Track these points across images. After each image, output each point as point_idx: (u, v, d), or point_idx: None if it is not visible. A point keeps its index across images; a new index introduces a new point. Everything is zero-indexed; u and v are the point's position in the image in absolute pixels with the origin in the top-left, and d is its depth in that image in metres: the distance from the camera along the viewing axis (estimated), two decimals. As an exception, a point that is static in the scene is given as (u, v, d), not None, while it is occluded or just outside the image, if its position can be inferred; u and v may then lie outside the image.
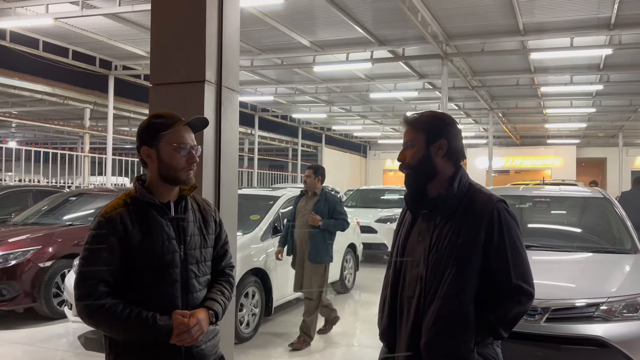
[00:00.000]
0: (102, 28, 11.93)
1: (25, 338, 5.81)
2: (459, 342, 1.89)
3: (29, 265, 6.23)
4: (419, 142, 2.04)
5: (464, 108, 21.68)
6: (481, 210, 1.94)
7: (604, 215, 5.35)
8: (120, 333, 1.91)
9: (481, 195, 2.00)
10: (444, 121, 2.08)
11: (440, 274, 1.93)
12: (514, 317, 1.92)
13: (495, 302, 1.91)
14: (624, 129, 26.18)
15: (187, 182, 2.03)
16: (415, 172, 2.06)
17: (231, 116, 3.52)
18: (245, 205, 6.41)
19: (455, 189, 2.00)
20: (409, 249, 2.09)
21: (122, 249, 1.90)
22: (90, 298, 1.86)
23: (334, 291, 8.18)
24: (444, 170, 2.04)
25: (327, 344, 5.78)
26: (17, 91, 16.28)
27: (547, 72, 15.03)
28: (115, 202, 1.98)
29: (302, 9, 10.46)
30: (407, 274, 2.06)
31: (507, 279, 1.90)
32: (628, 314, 3.79)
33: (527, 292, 1.92)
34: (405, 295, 2.05)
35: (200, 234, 2.09)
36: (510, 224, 1.94)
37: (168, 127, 1.99)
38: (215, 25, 3.37)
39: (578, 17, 10.58)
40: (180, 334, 1.90)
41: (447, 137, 2.03)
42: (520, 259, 1.93)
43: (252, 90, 18.76)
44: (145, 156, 2.00)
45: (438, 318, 1.90)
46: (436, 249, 1.96)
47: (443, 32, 11.75)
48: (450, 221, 1.96)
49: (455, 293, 1.90)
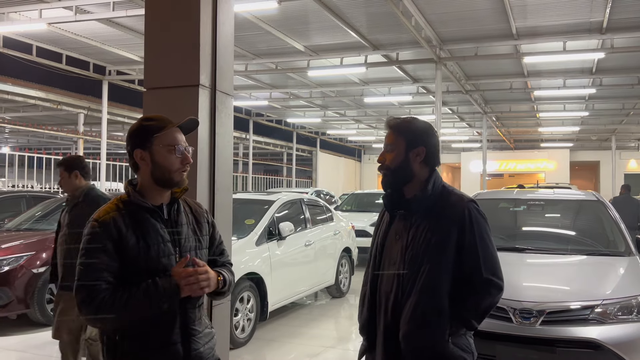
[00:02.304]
0: (96, 33, 11.92)
1: (19, 345, 5.77)
2: (434, 334, 2.03)
3: (22, 271, 6.18)
4: (399, 147, 2.19)
5: (457, 112, 21.76)
6: (453, 210, 2.09)
7: (597, 218, 5.37)
8: (130, 314, 1.86)
9: (453, 196, 2.15)
10: (424, 129, 2.21)
11: (416, 270, 2.06)
12: (485, 309, 2.09)
13: (468, 295, 2.06)
14: (617, 132, 26.34)
15: (181, 183, 2.02)
16: (393, 174, 2.20)
17: (225, 120, 3.51)
18: (240, 209, 6.40)
19: (430, 191, 2.15)
20: (387, 247, 2.22)
21: (118, 253, 1.88)
22: (92, 300, 1.83)
23: (329, 295, 8.17)
24: (419, 174, 2.18)
25: (323, 348, 5.77)
26: (10, 96, 16.21)
27: (540, 76, 15.11)
28: (108, 207, 1.96)
29: (296, 13, 10.49)
30: (385, 271, 2.19)
31: (479, 273, 2.05)
32: (623, 316, 3.80)
33: (497, 285, 2.07)
34: (383, 291, 2.17)
35: (194, 236, 2.08)
36: (480, 222, 2.09)
37: (161, 129, 1.99)
38: (209, 30, 3.37)
39: (570, 21, 10.66)
40: (190, 284, 1.90)
41: (426, 145, 2.17)
42: (490, 254, 2.08)
43: (247, 95, 18.77)
44: (139, 159, 1.99)
45: (415, 311, 2.04)
46: (412, 246, 2.09)
47: (437, 36, 11.80)
48: (425, 220, 2.10)
49: (430, 288, 2.04)
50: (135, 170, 2.03)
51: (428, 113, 20.84)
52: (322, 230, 7.82)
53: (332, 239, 8.03)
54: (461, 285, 2.07)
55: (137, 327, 1.91)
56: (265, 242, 6.33)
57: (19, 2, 10.09)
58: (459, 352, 2.06)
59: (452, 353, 2.04)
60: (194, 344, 2.00)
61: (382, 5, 9.67)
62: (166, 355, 1.95)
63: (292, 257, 6.83)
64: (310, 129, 28.73)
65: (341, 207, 13.41)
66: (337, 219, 8.58)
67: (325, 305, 7.78)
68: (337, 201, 17.45)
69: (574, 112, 20.70)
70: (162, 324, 1.94)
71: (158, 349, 1.93)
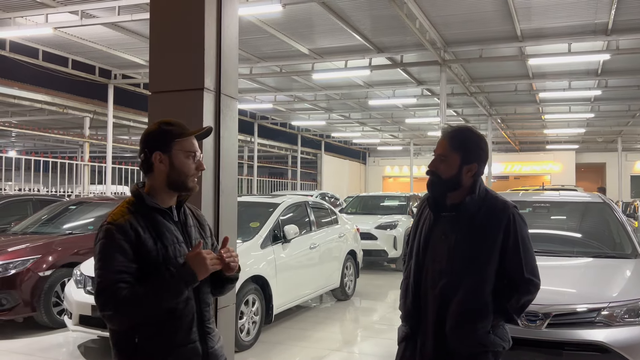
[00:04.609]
0: (102, 37, 11.98)
1: (25, 348, 5.79)
2: (478, 328, 2.24)
3: (29, 274, 6.20)
4: (454, 160, 2.31)
5: (462, 114, 21.72)
6: (499, 216, 2.27)
7: (604, 220, 5.34)
8: (151, 305, 1.87)
9: (498, 202, 2.33)
10: (479, 146, 2.35)
11: (464, 270, 2.25)
12: (524, 305, 2.30)
13: (510, 292, 2.26)
14: (623, 134, 26.22)
15: (194, 189, 2.07)
16: (444, 183, 2.34)
17: (230, 124, 3.52)
18: (245, 212, 6.40)
19: (476, 196, 2.32)
20: (431, 245, 2.37)
21: (137, 255, 1.91)
22: (113, 301, 1.84)
23: (334, 298, 8.16)
24: (466, 183, 2.34)
25: (328, 351, 5.76)
26: (17, 100, 16.30)
27: (545, 77, 15.07)
28: (119, 210, 1.98)
29: (301, 17, 10.51)
30: (429, 267, 2.36)
31: (520, 273, 2.25)
32: (629, 319, 3.77)
33: (536, 285, 2.29)
34: (428, 285, 2.35)
35: (200, 237, 2.13)
36: (522, 227, 2.30)
37: (181, 135, 2.04)
38: (213, 33, 3.39)
39: (575, 22, 10.63)
40: (221, 261, 1.96)
41: (478, 162, 2.33)
42: (530, 257, 2.28)
43: (251, 98, 18.80)
44: (158, 161, 2.01)
45: (462, 307, 2.24)
46: (460, 247, 2.27)
47: (441, 38, 11.80)
48: (472, 224, 2.28)
49: (477, 286, 2.25)
50: (146, 172, 2.04)
51: (433, 115, 20.84)
52: (327, 233, 7.81)
53: (337, 241, 8.02)
54: (503, 283, 2.27)
55: (157, 328, 1.93)
56: (270, 245, 6.33)
57: (26, 7, 10.16)
58: (499, 341, 2.28)
59: (493, 342, 2.26)
60: (209, 342, 2.06)
61: (387, 7, 9.67)
62: (186, 353, 1.99)
63: (297, 260, 6.82)
64: (315, 131, 28.74)
65: (346, 209, 13.40)
66: (342, 221, 8.57)
67: (330, 308, 7.77)
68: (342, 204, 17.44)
69: (579, 114, 20.63)
70: (182, 323, 1.97)
71: (178, 348, 1.97)
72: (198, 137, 2.10)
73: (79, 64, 14.08)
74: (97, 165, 16.95)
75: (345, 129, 27.48)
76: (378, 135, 28.65)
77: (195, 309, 2.01)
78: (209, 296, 2.11)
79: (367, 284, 9.23)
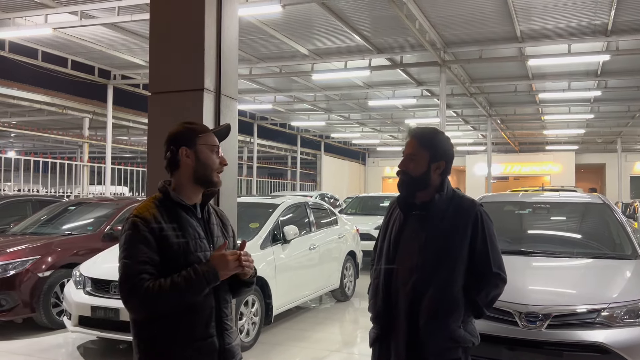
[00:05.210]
0: (101, 38, 11.98)
1: (24, 348, 5.78)
2: (450, 322, 2.31)
3: (28, 275, 6.20)
4: (423, 158, 2.40)
5: (462, 115, 21.72)
6: (467, 213, 2.38)
7: (603, 220, 5.34)
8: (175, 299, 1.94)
9: (465, 200, 2.44)
10: (446, 145, 2.46)
11: (435, 266, 2.32)
12: (493, 299, 2.39)
13: (479, 287, 2.35)
14: (623, 134, 26.24)
15: (218, 184, 2.17)
16: (413, 181, 2.42)
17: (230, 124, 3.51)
18: (244, 213, 6.40)
19: (444, 195, 2.42)
20: (402, 244, 2.44)
21: (160, 247, 1.98)
22: (137, 291, 1.91)
23: (334, 299, 8.16)
24: (435, 182, 2.42)
25: (328, 352, 5.76)
26: (16, 101, 16.30)
27: (545, 78, 15.08)
28: (145, 205, 2.07)
29: (301, 17, 10.51)
30: (400, 265, 2.42)
31: (489, 268, 2.35)
32: (629, 320, 3.77)
33: (503, 279, 2.38)
34: (399, 284, 2.40)
35: (222, 236, 2.22)
36: (489, 224, 2.40)
37: (205, 131, 2.17)
38: (213, 34, 3.38)
39: (575, 23, 10.64)
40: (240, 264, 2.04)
41: (446, 159, 2.43)
42: (497, 252, 2.39)
43: (251, 99, 18.80)
44: (184, 156, 2.10)
45: (434, 302, 2.31)
46: (431, 244, 2.34)
47: (441, 39, 11.80)
48: (441, 222, 2.37)
49: (448, 282, 2.32)
50: (173, 170, 2.12)
51: (432, 116, 20.83)
52: (326, 234, 7.81)
53: (337, 242, 8.02)
54: (472, 278, 2.35)
55: (176, 320, 1.99)
56: (269, 246, 6.33)
57: (25, 8, 10.15)
58: (469, 337, 2.35)
59: (464, 337, 2.33)
60: (227, 338, 2.12)
61: (386, 8, 9.67)
62: (203, 347, 2.04)
63: (297, 261, 6.82)
64: (315, 132, 28.74)
65: (346, 210, 13.40)
66: (341, 222, 8.57)
67: (330, 309, 7.77)
68: (342, 204, 17.44)
69: (579, 115, 20.64)
70: (200, 317, 2.03)
71: (196, 341, 2.02)
72: (218, 134, 2.22)
73: (78, 65, 14.07)
74: (97, 165, 16.94)
75: (345, 130, 27.48)
76: (378, 135, 28.65)
77: (213, 304, 2.07)
78: (228, 294, 2.17)
79: (366, 285, 9.09)
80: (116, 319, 5.17)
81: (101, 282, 5.42)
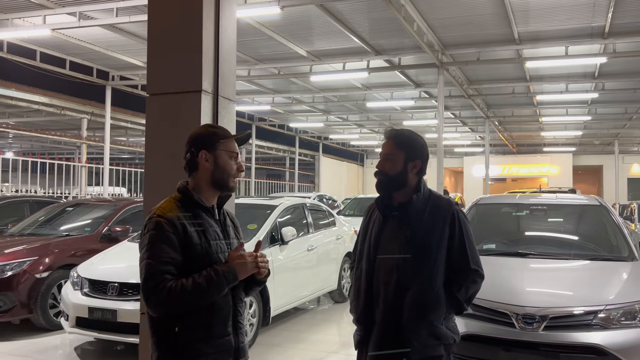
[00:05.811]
0: (99, 39, 11.98)
1: (21, 350, 5.77)
2: (433, 319, 2.37)
3: (26, 276, 6.19)
4: (399, 158, 2.48)
5: (460, 116, 21.76)
6: (445, 212, 2.44)
7: (600, 222, 5.35)
8: (196, 299, 1.97)
9: (442, 200, 2.51)
10: (422, 145, 2.53)
11: (416, 264, 2.37)
12: (472, 295, 2.46)
13: (459, 283, 2.41)
14: (620, 136, 26.30)
15: (234, 188, 2.22)
16: (390, 181, 2.49)
17: (228, 126, 3.51)
18: (242, 214, 6.39)
19: (422, 195, 2.48)
20: (382, 245, 2.48)
21: (183, 248, 2.01)
22: (160, 291, 1.93)
23: (332, 300, 8.16)
24: (411, 181, 2.49)
25: (325, 354, 5.76)
26: (14, 102, 16.29)
27: (542, 80, 15.12)
28: (167, 205, 2.08)
29: (299, 19, 10.53)
30: (381, 265, 2.46)
31: (467, 265, 2.42)
32: (626, 322, 3.78)
33: (481, 275, 2.45)
34: (381, 284, 2.44)
35: (236, 237, 2.28)
36: (466, 223, 2.47)
37: (226, 137, 2.19)
38: (212, 35, 3.38)
39: (573, 25, 10.67)
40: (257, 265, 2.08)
41: (422, 159, 2.50)
42: (474, 249, 2.46)
43: (249, 100, 18.81)
44: (203, 160, 2.13)
45: (416, 300, 2.36)
46: (411, 243, 2.39)
47: (439, 41, 11.82)
48: (420, 221, 2.43)
49: (429, 280, 2.37)
50: (191, 171, 2.16)
51: (430, 117, 20.87)
52: (324, 235, 7.81)
53: (335, 243, 8.03)
54: (451, 276, 2.42)
55: (197, 319, 2.02)
56: (267, 247, 6.33)
57: (23, 8, 10.15)
58: (450, 334, 2.42)
59: (446, 334, 2.40)
60: (240, 336, 2.18)
61: (384, 10, 9.69)
62: (222, 345, 2.09)
63: (295, 262, 6.82)
64: (313, 133, 28.76)
65: (344, 211, 13.39)
66: (339, 223, 8.58)
67: (327, 311, 7.77)
68: (340, 206, 17.44)
69: (576, 117, 20.69)
70: (220, 316, 2.08)
71: (215, 339, 2.06)
72: (239, 141, 2.25)
73: (76, 66, 14.07)
74: (95, 166, 16.93)
75: (343, 131, 27.51)
76: (376, 137, 28.66)
77: (231, 303, 2.12)
78: (243, 293, 2.21)
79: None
80: (114, 320, 5.16)
81: (99, 283, 5.42)
